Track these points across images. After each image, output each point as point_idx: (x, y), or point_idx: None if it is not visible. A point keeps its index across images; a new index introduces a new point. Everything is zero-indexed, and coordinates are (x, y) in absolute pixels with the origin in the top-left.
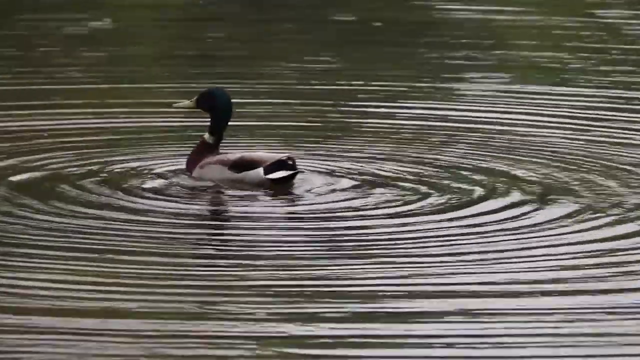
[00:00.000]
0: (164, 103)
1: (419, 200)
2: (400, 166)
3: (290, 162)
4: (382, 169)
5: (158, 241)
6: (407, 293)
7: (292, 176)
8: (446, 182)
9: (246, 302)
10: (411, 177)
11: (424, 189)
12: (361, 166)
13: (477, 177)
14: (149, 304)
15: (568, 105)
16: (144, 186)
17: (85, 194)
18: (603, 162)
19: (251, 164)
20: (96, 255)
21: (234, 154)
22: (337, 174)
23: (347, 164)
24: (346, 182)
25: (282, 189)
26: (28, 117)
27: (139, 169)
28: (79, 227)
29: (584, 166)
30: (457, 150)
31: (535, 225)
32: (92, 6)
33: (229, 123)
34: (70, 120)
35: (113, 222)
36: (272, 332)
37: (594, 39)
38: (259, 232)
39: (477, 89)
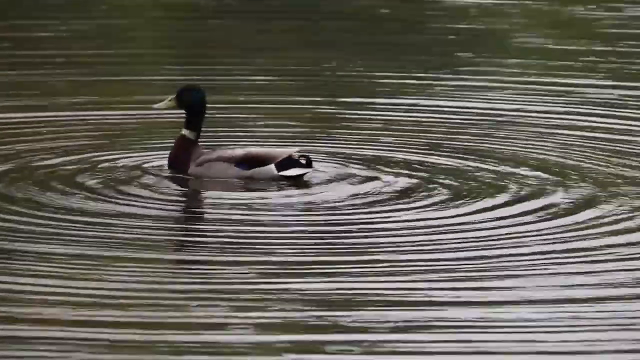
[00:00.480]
0: (146, 101)
1: (432, 204)
2: (407, 163)
3: (303, 160)
4: (387, 167)
5: (153, 243)
6: (414, 299)
7: (304, 173)
8: (452, 179)
9: (246, 308)
10: (418, 176)
11: (434, 189)
12: (367, 164)
13: (487, 174)
14: (143, 312)
15: (576, 97)
16: (136, 185)
17: (73, 192)
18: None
19: (261, 160)
20: (91, 261)
21: (234, 150)
22: (345, 170)
23: (352, 160)
24: (355, 181)
25: (288, 188)
26: (22, 109)
27: (132, 165)
28: (70, 229)
29: (598, 159)
30: (460, 145)
31: (569, 225)
32: (89, 3)
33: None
34: (63, 113)
35: (99, 226)
36: (273, 338)
37: (600, 29)
38: (262, 234)
39: (479, 80)
